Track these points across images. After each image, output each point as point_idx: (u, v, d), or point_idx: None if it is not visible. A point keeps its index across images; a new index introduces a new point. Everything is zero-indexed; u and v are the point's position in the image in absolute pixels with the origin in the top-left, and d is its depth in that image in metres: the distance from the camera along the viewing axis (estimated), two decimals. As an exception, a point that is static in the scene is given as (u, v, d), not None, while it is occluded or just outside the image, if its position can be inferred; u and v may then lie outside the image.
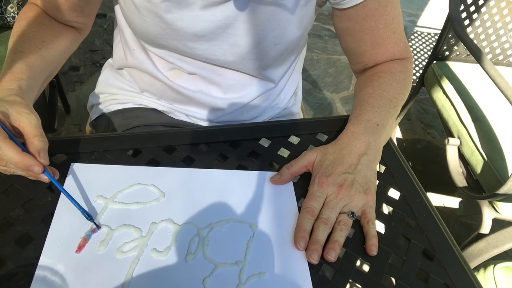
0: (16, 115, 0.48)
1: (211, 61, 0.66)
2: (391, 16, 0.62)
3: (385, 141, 0.60)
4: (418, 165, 1.77)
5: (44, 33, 0.62)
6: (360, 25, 0.63)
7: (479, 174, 1.15)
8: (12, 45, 0.58)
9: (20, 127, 0.48)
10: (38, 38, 0.60)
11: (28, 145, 0.48)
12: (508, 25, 1.36)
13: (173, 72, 0.70)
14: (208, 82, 0.70)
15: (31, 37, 0.60)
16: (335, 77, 2.18)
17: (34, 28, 0.61)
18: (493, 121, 1.21)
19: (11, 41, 0.59)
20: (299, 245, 0.47)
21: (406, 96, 0.64)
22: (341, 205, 0.51)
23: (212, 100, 0.72)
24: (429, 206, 0.55)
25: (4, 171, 0.49)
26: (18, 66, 0.54)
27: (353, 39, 0.66)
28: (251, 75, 0.71)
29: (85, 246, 0.45)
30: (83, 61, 1.98)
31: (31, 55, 0.57)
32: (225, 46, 0.63)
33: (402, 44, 0.66)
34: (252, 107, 0.77)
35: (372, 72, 0.66)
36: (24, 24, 0.61)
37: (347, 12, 0.62)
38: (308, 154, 0.56)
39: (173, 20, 0.59)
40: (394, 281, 0.47)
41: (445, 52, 1.45)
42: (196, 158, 0.57)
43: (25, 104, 0.50)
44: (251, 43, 0.63)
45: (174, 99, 0.74)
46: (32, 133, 0.48)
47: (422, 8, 2.84)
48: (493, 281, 0.86)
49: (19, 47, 0.58)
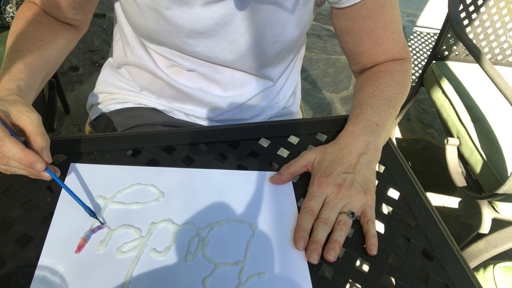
0: (17, 114, 0.47)
1: (210, 59, 0.66)
2: (390, 16, 0.62)
3: (385, 141, 0.60)
4: (417, 165, 1.77)
5: (42, 31, 0.61)
6: (359, 24, 0.63)
7: (479, 174, 1.15)
8: (10, 44, 0.58)
9: (21, 126, 0.48)
10: (36, 37, 0.60)
11: (31, 144, 0.48)
12: (507, 25, 1.36)
13: (172, 69, 0.70)
14: (207, 80, 0.71)
15: (29, 36, 0.59)
16: (335, 77, 2.18)
17: (32, 27, 0.61)
18: (492, 121, 1.21)
19: (9, 40, 0.59)
20: (299, 245, 0.47)
21: (405, 96, 0.64)
22: (341, 205, 0.51)
23: (211, 98, 0.72)
24: (428, 206, 0.55)
25: (4, 171, 0.49)
26: (17, 65, 0.54)
27: (352, 39, 0.66)
28: (250, 73, 0.71)
29: (84, 246, 0.45)
30: (82, 61, 1.98)
31: (30, 55, 0.57)
32: (224, 44, 0.63)
33: (401, 44, 0.66)
34: (251, 106, 0.77)
35: (371, 72, 0.67)
36: (22, 23, 0.61)
37: (346, 11, 0.62)
38: (307, 154, 0.56)
39: (173, 16, 0.59)
40: (394, 281, 0.47)
41: (444, 52, 1.45)
42: (195, 158, 0.57)
43: (25, 103, 0.50)
44: (250, 41, 0.63)
45: (173, 97, 0.74)
46: (34, 132, 0.48)
47: (421, 8, 2.84)
48: (493, 281, 0.86)
49: (18, 46, 0.57)
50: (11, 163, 0.47)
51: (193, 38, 0.62)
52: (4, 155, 0.45)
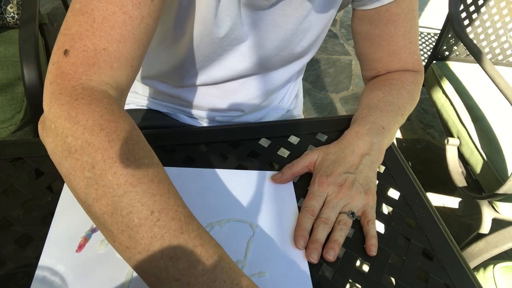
0: None
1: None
2: (411, 24, 0.62)
3: (388, 144, 0.60)
4: (417, 165, 1.77)
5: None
6: (380, 30, 0.63)
7: (479, 174, 1.15)
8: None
9: None
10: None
11: None
12: (508, 25, 1.36)
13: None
14: (214, 88, 0.70)
15: None
16: (335, 77, 2.18)
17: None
18: (492, 121, 1.21)
19: None
20: (299, 244, 0.47)
21: (413, 107, 0.65)
22: (341, 205, 0.51)
23: (216, 102, 0.72)
24: (428, 206, 0.55)
25: None
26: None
27: (370, 44, 0.66)
28: (258, 78, 0.70)
29: (85, 246, 0.45)
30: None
31: None
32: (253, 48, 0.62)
33: (416, 56, 0.67)
34: (258, 109, 0.76)
35: (384, 78, 0.67)
36: None
37: (369, 15, 0.62)
38: (309, 154, 0.56)
39: None
40: (394, 281, 0.47)
41: (445, 52, 1.45)
42: (196, 158, 0.57)
43: None
44: (277, 46, 0.62)
45: (176, 102, 0.75)
46: None
47: (421, 8, 2.84)
48: (493, 281, 0.86)
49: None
50: None
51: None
52: None
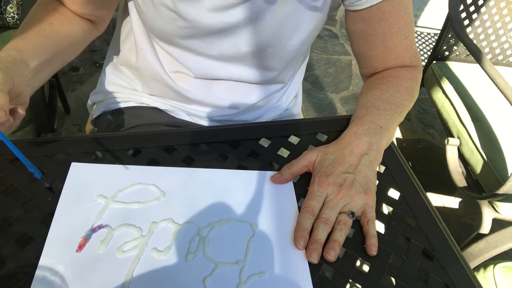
0: None
1: (227, 58, 0.66)
2: (404, 21, 0.62)
3: (387, 144, 0.60)
4: (418, 165, 1.77)
5: (54, 17, 0.59)
6: (374, 28, 0.63)
7: (479, 174, 1.15)
8: (17, 31, 0.56)
9: None
10: (46, 21, 0.57)
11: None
12: (508, 25, 1.36)
13: (178, 75, 0.70)
14: (212, 84, 0.70)
15: (37, 20, 0.56)
16: (335, 77, 2.18)
17: (44, 13, 0.58)
18: (492, 121, 1.21)
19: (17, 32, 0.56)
20: (299, 244, 0.47)
21: (412, 103, 0.64)
22: (341, 205, 0.51)
23: (215, 101, 0.72)
24: (429, 206, 0.55)
25: None
26: (15, 40, 0.51)
27: (365, 42, 0.66)
28: (257, 75, 0.71)
29: (85, 246, 0.45)
30: (83, 62, 1.98)
31: (34, 34, 0.54)
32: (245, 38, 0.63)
33: (413, 51, 0.66)
34: (255, 108, 0.77)
35: (381, 75, 0.67)
36: (33, 11, 0.58)
37: (361, 14, 0.62)
38: (308, 154, 0.56)
39: (188, 13, 0.58)
40: (394, 281, 0.47)
41: (445, 52, 1.45)
42: (196, 158, 0.57)
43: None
44: (269, 40, 0.63)
45: (176, 99, 0.75)
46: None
47: (421, 8, 2.84)
48: (493, 281, 0.86)
49: (23, 29, 0.55)
50: None
51: (212, 37, 0.62)
52: None
